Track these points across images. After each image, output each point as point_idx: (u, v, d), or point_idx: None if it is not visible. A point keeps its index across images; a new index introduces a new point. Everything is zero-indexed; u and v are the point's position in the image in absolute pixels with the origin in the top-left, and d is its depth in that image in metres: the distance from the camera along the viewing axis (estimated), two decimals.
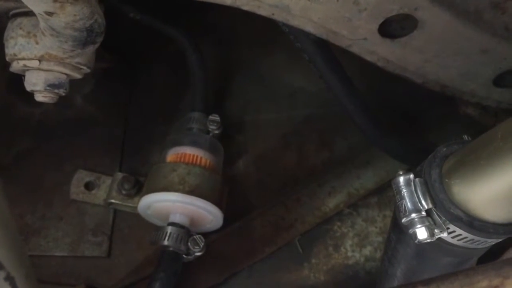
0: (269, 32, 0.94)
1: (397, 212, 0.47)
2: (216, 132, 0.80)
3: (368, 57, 0.67)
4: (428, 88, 0.75)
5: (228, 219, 0.76)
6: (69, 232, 0.76)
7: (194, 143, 0.76)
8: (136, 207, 0.74)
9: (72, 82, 0.69)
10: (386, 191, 0.88)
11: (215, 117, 0.80)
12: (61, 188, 0.78)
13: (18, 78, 0.66)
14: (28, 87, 0.64)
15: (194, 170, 0.72)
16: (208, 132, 0.80)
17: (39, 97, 0.65)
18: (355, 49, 0.66)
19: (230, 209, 0.77)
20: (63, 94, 0.66)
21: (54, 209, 0.77)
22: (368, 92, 0.89)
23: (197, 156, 0.75)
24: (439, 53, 0.65)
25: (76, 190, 0.78)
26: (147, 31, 0.86)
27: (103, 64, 0.88)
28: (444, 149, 0.45)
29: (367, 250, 0.83)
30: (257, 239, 0.80)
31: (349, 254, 0.83)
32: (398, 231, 0.49)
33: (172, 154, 0.75)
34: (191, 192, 0.70)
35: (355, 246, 0.84)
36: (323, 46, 0.66)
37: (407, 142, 0.77)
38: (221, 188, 0.75)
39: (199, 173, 0.72)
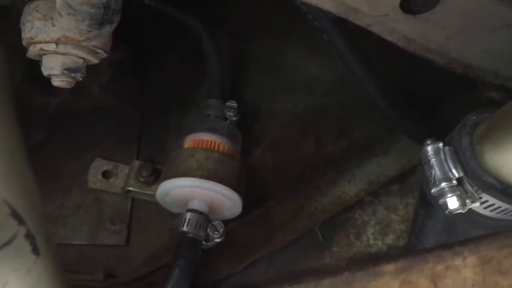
0: (285, 22, 0.94)
1: (425, 183, 0.45)
2: (234, 119, 0.79)
3: (389, 37, 0.65)
4: (449, 71, 0.73)
5: (246, 208, 0.75)
6: (88, 221, 0.75)
7: (211, 130, 0.75)
8: (154, 195, 0.73)
9: (89, 72, 0.69)
10: (407, 179, 0.86)
11: (232, 104, 0.79)
12: (79, 177, 0.78)
13: (34, 68, 0.66)
14: (45, 72, 0.64)
15: (212, 156, 0.71)
16: (225, 119, 0.79)
17: (56, 82, 0.65)
18: (375, 28, 0.64)
19: (248, 198, 0.75)
20: (80, 79, 0.66)
21: (72, 198, 0.76)
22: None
23: (215, 142, 0.74)
24: (462, 29, 0.63)
25: (94, 179, 0.77)
26: (161, 21, 0.86)
27: (119, 55, 0.88)
28: (474, 117, 0.44)
29: (389, 239, 0.81)
30: (276, 227, 0.79)
31: (371, 242, 0.81)
32: (426, 205, 0.48)
33: (190, 141, 0.75)
34: (210, 177, 0.69)
35: (377, 234, 0.82)
36: (343, 25, 0.65)
37: (428, 124, 0.75)
38: (240, 174, 0.74)
39: (217, 158, 0.71)
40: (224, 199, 0.71)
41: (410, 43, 0.66)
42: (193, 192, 0.70)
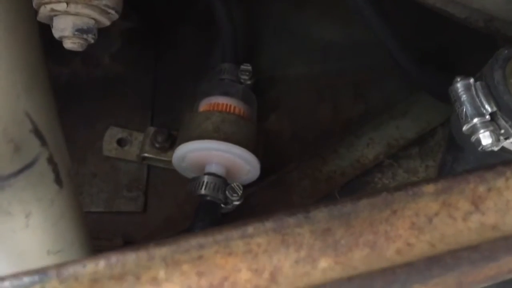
0: None
1: (454, 124, 0.43)
2: (248, 82, 0.77)
3: None
4: (470, 25, 0.71)
5: (264, 174, 0.74)
6: (104, 188, 0.74)
7: (226, 93, 0.74)
8: (170, 161, 0.72)
9: (100, 41, 0.68)
10: (427, 141, 0.84)
11: (246, 67, 0.77)
12: (93, 145, 0.77)
13: (45, 38, 0.64)
14: (56, 34, 0.62)
15: (228, 118, 0.70)
16: (240, 83, 0.77)
17: (67, 44, 0.63)
18: None
19: (265, 164, 0.74)
20: (92, 41, 0.65)
21: (88, 166, 0.76)
22: None
23: (230, 105, 0.72)
24: None
25: (109, 147, 0.76)
26: None
27: (130, 24, 0.87)
28: (506, 52, 0.42)
29: None
30: (295, 192, 0.78)
31: None
32: (455, 150, 0.46)
33: (205, 105, 0.73)
34: (227, 139, 0.68)
35: None
36: None
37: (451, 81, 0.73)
38: (257, 137, 0.72)
39: (234, 120, 0.70)
40: (242, 162, 0.69)
41: None
42: (210, 155, 0.69)
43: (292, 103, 0.85)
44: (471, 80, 0.41)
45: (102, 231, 0.71)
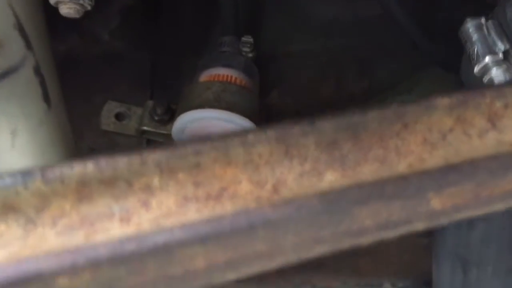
0: None
1: (465, 67, 0.41)
2: (250, 55, 0.76)
3: None
4: None
5: None
6: None
7: (227, 65, 0.72)
8: (169, 135, 0.70)
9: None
10: None
11: (248, 39, 0.75)
12: (91, 120, 0.75)
13: None
14: None
15: (230, 88, 0.68)
16: (241, 55, 0.75)
17: (63, 9, 0.61)
18: None
19: None
20: (88, 7, 0.63)
21: (86, 141, 0.74)
22: None
23: (231, 76, 0.70)
24: None
25: (107, 121, 0.74)
26: None
27: (129, 1, 0.85)
28: None
29: None
30: None
31: None
32: None
33: (205, 76, 0.71)
34: (229, 109, 0.66)
35: None
36: None
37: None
38: (259, 109, 0.70)
39: (235, 90, 0.68)
40: None
41: None
42: (211, 126, 0.67)
43: (294, 80, 0.84)
44: (482, 20, 0.40)
45: None
